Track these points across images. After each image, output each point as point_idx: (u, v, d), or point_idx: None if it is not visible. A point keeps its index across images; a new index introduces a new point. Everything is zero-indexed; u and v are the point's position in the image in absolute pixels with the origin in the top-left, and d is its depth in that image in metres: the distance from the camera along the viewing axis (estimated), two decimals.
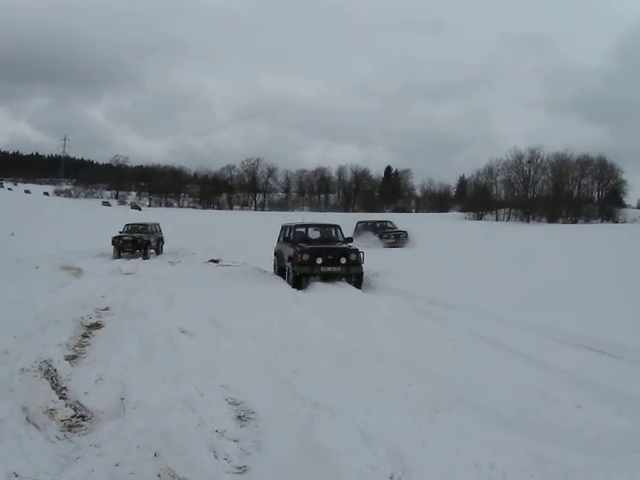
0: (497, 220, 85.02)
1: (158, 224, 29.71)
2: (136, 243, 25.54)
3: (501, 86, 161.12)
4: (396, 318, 10.07)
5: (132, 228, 27.41)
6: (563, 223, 77.74)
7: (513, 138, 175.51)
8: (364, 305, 11.46)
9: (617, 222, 79.96)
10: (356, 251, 14.89)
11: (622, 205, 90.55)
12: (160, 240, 28.87)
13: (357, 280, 14.74)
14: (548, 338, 8.76)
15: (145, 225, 28.12)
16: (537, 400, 5.75)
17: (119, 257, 24.92)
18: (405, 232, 32.54)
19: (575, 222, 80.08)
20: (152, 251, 26.88)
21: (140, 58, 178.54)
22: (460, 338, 8.75)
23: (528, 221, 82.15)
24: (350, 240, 16.36)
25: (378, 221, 37.09)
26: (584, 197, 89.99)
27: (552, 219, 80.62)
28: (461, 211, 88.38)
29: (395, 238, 31.78)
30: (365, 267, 15.06)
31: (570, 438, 4.83)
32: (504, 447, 4.60)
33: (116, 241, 25.40)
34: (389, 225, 35.06)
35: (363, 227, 33.51)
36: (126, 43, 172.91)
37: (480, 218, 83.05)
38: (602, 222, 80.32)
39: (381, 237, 31.45)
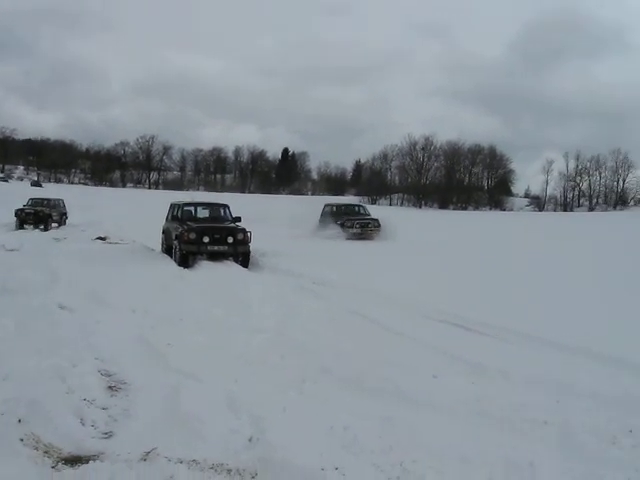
0: (391, 205, 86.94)
1: (62, 200, 31.79)
2: (38, 216, 27.40)
3: (403, 74, 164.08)
4: (277, 296, 10.37)
5: (35, 202, 29.41)
6: (454, 209, 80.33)
7: (411, 125, 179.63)
8: (248, 283, 11.70)
9: (504, 210, 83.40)
10: (243, 230, 15.06)
11: (510, 194, 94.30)
12: (64, 215, 30.94)
13: (244, 259, 14.91)
14: (420, 315, 9.26)
15: (48, 200, 30.29)
16: (397, 370, 6.13)
17: (22, 228, 26.63)
18: (376, 220, 26.68)
19: (465, 209, 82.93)
20: (55, 224, 28.62)
21: (34, 26, 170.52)
22: (337, 315, 9.14)
23: (420, 207, 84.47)
24: (238, 219, 16.45)
25: (348, 205, 32.22)
26: (474, 185, 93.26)
27: (443, 205, 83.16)
28: (356, 195, 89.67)
29: (361, 228, 25.93)
30: (252, 246, 15.26)
31: (422, 404, 5.21)
32: (360, 412, 4.93)
33: (19, 213, 27.32)
34: (360, 211, 29.17)
35: (330, 212, 28.20)
36: (20, 10, 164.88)
37: (374, 202, 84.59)
38: (490, 209, 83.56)
39: (343, 226, 25.74)
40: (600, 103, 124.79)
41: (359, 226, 25.91)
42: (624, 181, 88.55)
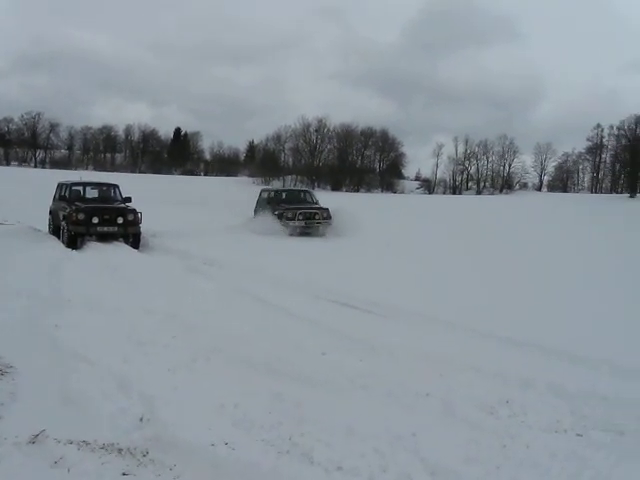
0: (284, 187, 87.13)
1: None
2: None
3: (299, 56, 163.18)
4: (168, 277, 10.29)
5: None
6: (346, 191, 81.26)
7: (307, 108, 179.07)
8: (138, 264, 11.56)
9: (395, 192, 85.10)
10: (134, 211, 14.78)
11: (401, 177, 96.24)
12: None
13: (134, 240, 14.66)
14: (312, 295, 9.43)
15: None
16: (288, 348, 6.26)
17: None
18: (325, 210, 20.98)
19: (357, 191, 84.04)
20: None
21: None
22: (228, 295, 9.18)
23: (313, 188, 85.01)
24: (129, 200, 16.10)
25: (291, 190, 27.64)
26: (367, 167, 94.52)
27: (336, 187, 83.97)
28: (249, 176, 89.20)
29: (305, 220, 20.42)
30: (143, 227, 15.03)
31: (311, 380, 5.32)
32: (250, 390, 5.01)
33: None
34: (306, 198, 22.95)
35: (267, 200, 22.42)
36: None
37: (268, 184, 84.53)
38: (382, 192, 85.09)
39: (281, 217, 20.27)
40: (489, 90, 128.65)
41: (302, 217, 20.32)
42: (510, 166, 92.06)
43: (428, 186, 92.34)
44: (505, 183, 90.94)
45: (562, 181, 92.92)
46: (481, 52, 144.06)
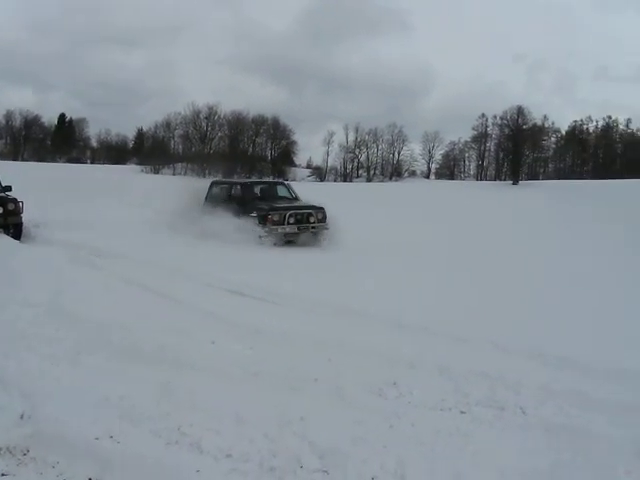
0: (174, 174, 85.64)
1: None
2: None
3: (191, 40, 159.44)
4: (52, 267, 9.90)
5: None
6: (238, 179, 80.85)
7: (198, 94, 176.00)
8: (20, 256, 11.05)
9: (287, 180, 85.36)
10: (14, 200, 14.06)
11: (292, 164, 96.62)
12: None
13: (15, 231, 13.91)
14: (202, 284, 9.33)
15: None
16: (176, 338, 6.14)
17: None
18: (321, 210, 16.07)
19: (249, 178, 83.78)
20: None
21: None
22: (115, 285, 8.94)
23: (205, 176, 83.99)
24: (9, 189, 15.31)
25: (262, 182, 21.27)
26: (258, 155, 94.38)
27: (227, 175, 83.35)
28: (138, 164, 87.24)
29: (298, 225, 15.49)
30: (25, 217, 14.41)
31: (200, 369, 5.26)
32: (138, 381, 4.89)
33: None
34: (281, 194, 17.80)
35: (230, 195, 17.39)
36: None
37: (157, 172, 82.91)
38: (274, 179, 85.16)
39: (263, 221, 15.18)
40: (380, 80, 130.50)
41: (294, 221, 15.44)
42: (399, 154, 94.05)
43: (319, 174, 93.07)
44: (394, 171, 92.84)
45: (449, 169, 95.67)
46: (373, 42, 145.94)
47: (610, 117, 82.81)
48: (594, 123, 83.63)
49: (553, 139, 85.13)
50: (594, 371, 5.58)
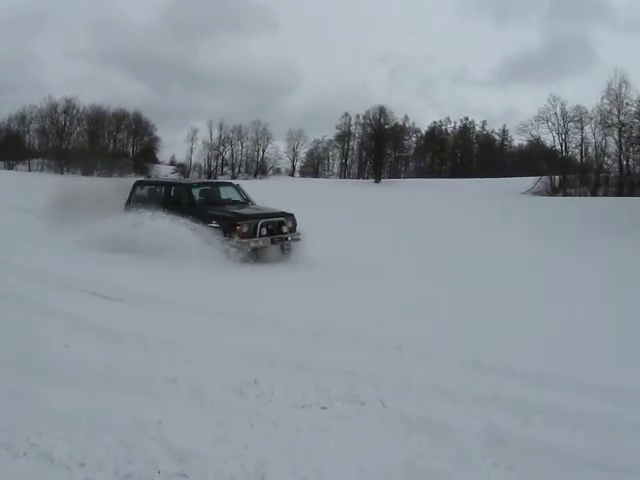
0: (30, 171, 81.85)
1: None
2: None
3: (49, 30, 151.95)
4: None
5: None
6: (98, 176, 78.34)
7: (56, 87, 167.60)
8: None
9: (150, 177, 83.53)
10: None
11: (155, 161, 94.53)
12: None
13: None
14: (60, 286, 8.88)
15: None
16: (26, 342, 5.84)
17: None
18: (291, 216, 13.51)
19: (110, 175, 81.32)
20: None
21: None
22: None
23: (62, 172, 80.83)
24: None
25: (202, 183, 18.04)
26: (120, 151, 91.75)
27: (87, 172, 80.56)
28: None
29: (270, 235, 12.73)
30: None
31: (52, 374, 5.00)
32: None
33: None
34: (232, 197, 14.84)
35: (152, 198, 14.66)
36: None
37: (11, 168, 78.93)
38: (135, 176, 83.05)
39: (228, 232, 12.22)
40: (246, 77, 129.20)
41: (267, 232, 12.72)
42: (264, 151, 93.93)
43: (183, 171, 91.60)
44: (259, 168, 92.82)
45: (314, 167, 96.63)
46: (239, 39, 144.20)
47: (467, 118, 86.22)
48: (452, 124, 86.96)
49: (414, 139, 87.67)
50: (450, 364, 5.78)
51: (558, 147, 62.00)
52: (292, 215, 13.52)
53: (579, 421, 4.47)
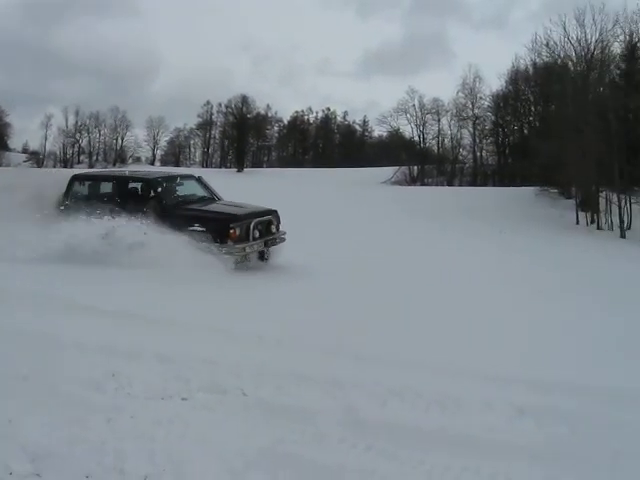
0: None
1: None
2: None
3: None
4: None
5: None
6: None
7: None
8: None
9: (1, 165, 79.24)
10: None
11: (7, 149, 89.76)
12: None
13: None
14: None
15: None
16: None
17: None
18: (275, 213, 12.03)
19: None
20: None
21: None
22: None
23: None
24: None
25: (168, 177, 13.09)
26: None
27: None
28: None
29: (262, 238, 11.25)
30: None
31: None
32: None
33: None
34: (198, 193, 12.78)
35: (99, 195, 12.49)
36: None
37: None
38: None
39: (220, 237, 10.53)
40: (105, 62, 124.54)
41: (259, 235, 11.21)
42: (123, 139, 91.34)
43: (37, 159, 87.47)
44: (118, 157, 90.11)
45: (175, 155, 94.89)
46: (98, 22, 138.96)
47: (329, 109, 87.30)
48: (314, 114, 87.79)
49: (276, 128, 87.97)
50: (311, 351, 5.92)
51: (416, 138, 64.27)
52: (276, 212, 12.04)
53: (432, 401, 4.69)
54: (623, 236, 25.90)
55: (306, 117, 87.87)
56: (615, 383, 5.30)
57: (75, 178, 12.66)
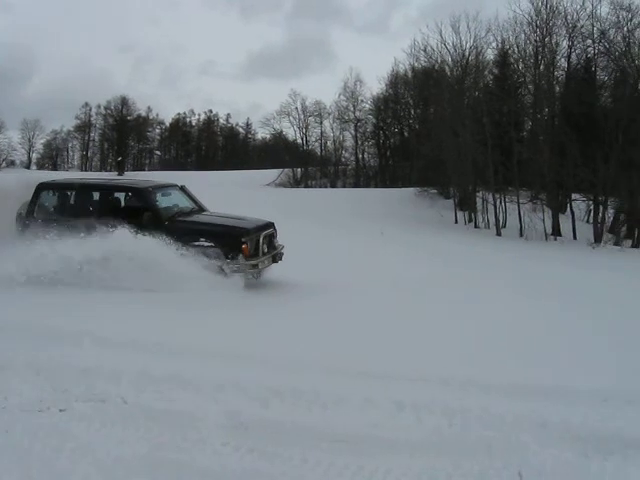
0: None
1: None
2: None
3: None
4: None
5: None
6: None
7: None
8: None
9: None
10: None
11: None
12: None
13: None
14: None
15: None
16: None
17: None
18: (273, 224, 11.11)
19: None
20: None
21: None
22: None
23: None
24: None
25: (158, 186, 11.48)
26: None
27: None
28: None
29: (270, 252, 10.55)
30: None
31: None
32: None
33: None
34: (181, 203, 11.38)
35: (72, 206, 10.89)
36: None
37: None
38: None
39: (232, 252, 9.56)
40: None
41: (267, 247, 10.54)
42: None
43: None
44: None
45: (52, 159, 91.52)
46: None
47: (212, 111, 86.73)
48: (197, 116, 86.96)
49: (158, 130, 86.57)
50: (191, 355, 5.88)
51: (299, 141, 64.60)
52: (274, 223, 11.21)
53: (314, 399, 4.76)
54: (499, 234, 26.87)
55: (188, 119, 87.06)
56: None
57: (42, 187, 10.96)
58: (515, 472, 3.75)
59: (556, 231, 26.45)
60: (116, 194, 11.17)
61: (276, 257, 10.51)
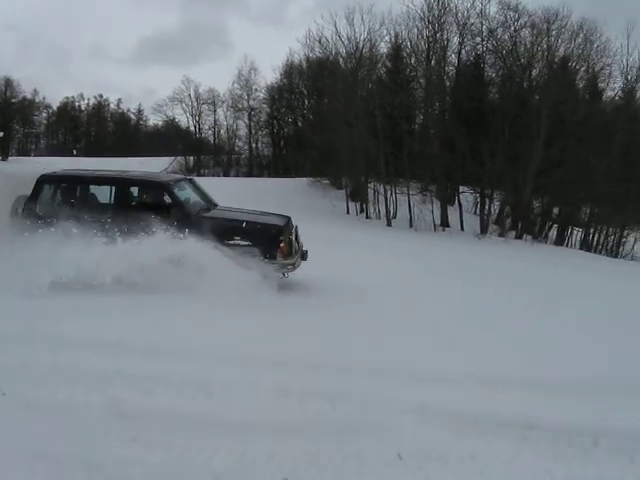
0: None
1: None
2: None
3: None
4: None
5: None
6: None
7: None
8: None
9: None
10: None
11: None
12: None
13: None
14: None
15: None
16: None
17: None
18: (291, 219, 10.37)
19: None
20: None
21: None
22: None
23: None
24: None
25: (178, 180, 10.96)
26: None
27: None
28: None
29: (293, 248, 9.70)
30: None
31: None
32: None
33: None
34: (192, 197, 10.36)
35: (77, 201, 9.69)
36: None
37: None
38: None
39: (271, 250, 9.17)
40: None
41: (290, 246, 9.57)
42: None
43: None
44: None
45: None
46: None
47: (102, 96, 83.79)
48: (86, 101, 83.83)
49: (44, 114, 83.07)
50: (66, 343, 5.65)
51: (192, 128, 63.62)
52: (288, 219, 10.35)
53: (198, 387, 4.72)
54: (389, 224, 27.37)
55: (77, 104, 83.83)
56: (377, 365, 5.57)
57: (44, 180, 9.80)
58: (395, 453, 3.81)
59: (444, 222, 27.29)
60: (136, 189, 10.11)
61: (305, 255, 9.96)
